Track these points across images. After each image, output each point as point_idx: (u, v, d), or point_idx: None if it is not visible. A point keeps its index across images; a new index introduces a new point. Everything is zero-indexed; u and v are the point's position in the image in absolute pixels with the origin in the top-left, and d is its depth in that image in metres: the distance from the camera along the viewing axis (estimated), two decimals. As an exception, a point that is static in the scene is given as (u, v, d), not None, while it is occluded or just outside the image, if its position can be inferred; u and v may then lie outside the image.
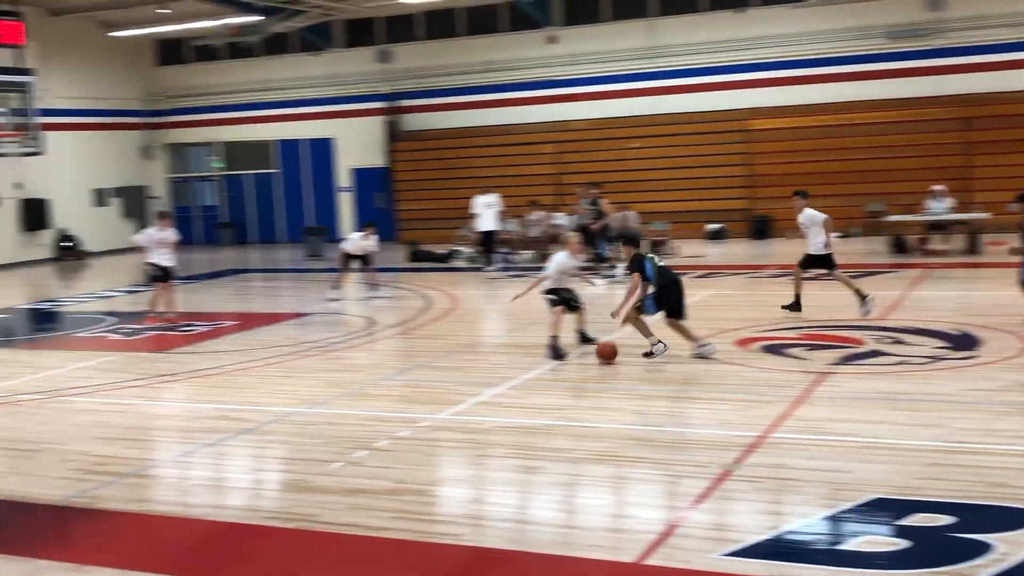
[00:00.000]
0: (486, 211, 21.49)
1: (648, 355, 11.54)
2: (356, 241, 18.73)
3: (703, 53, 26.85)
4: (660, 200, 26.06)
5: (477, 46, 29.07)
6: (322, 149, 31.55)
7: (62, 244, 29.87)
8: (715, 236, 26.09)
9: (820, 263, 14.28)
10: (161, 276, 16.17)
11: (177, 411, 10.54)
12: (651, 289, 11.62)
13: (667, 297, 11.60)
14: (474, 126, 29.06)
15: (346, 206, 31.24)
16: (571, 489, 7.51)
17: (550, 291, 12.37)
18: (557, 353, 11.86)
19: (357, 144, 30.80)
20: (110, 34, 30.64)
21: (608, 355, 11.54)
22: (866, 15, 25.48)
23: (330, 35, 30.68)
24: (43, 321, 18.56)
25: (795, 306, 13.97)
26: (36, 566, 6.41)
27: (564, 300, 12.32)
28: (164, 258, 16.15)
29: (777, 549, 6.09)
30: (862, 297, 13.61)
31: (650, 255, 11.86)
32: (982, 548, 5.90)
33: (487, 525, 6.83)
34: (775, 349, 12.00)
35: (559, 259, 12.44)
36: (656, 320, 11.81)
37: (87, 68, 31.03)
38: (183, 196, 34.04)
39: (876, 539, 6.17)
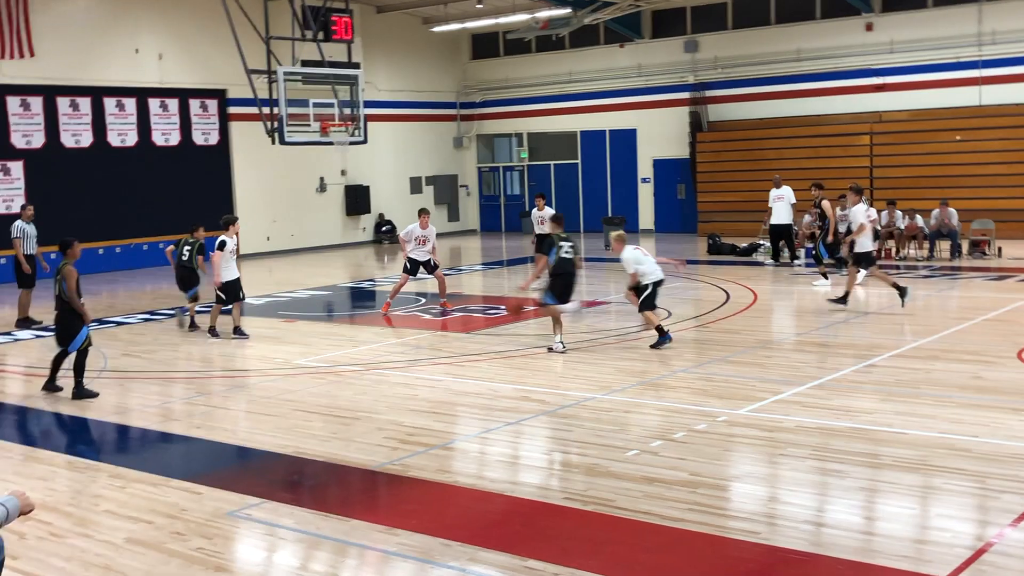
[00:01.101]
0: (776, 204, 20.88)
1: (549, 349, 12.70)
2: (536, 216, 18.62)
3: (1039, 39, 24.76)
4: (984, 197, 24.31)
5: (788, 34, 28.22)
6: (624, 140, 31.75)
7: (380, 228, 31.83)
8: (1045, 237, 24.05)
9: (864, 260, 15.29)
10: (410, 270, 16.69)
11: (481, 389, 10.96)
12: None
13: (557, 285, 12.82)
14: (781, 116, 28.26)
15: (646, 197, 31.30)
16: (875, 495, 7.18)
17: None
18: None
19: (660, 135, 30.77)
20: (430, 29, 32.25)
21: (514, 310, 14.77)
22: None
23: (638, 26, 30.79)
24: (362, 299, 19.85)
25: (842, 300, 15.18)
26: (352, 526, 6.87)
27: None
28: (421, 253, 16.66)
29: (1112, 579, 5.55)
30: (840, 299, 15.17)
31: (562, 243, 12.83)
32: None
33: (785, 525, 6.65)
34: (1114, 362, 10.92)
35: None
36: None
37: (407, 62, 32.82)
38: (490, 185, 35.32)
39: None
